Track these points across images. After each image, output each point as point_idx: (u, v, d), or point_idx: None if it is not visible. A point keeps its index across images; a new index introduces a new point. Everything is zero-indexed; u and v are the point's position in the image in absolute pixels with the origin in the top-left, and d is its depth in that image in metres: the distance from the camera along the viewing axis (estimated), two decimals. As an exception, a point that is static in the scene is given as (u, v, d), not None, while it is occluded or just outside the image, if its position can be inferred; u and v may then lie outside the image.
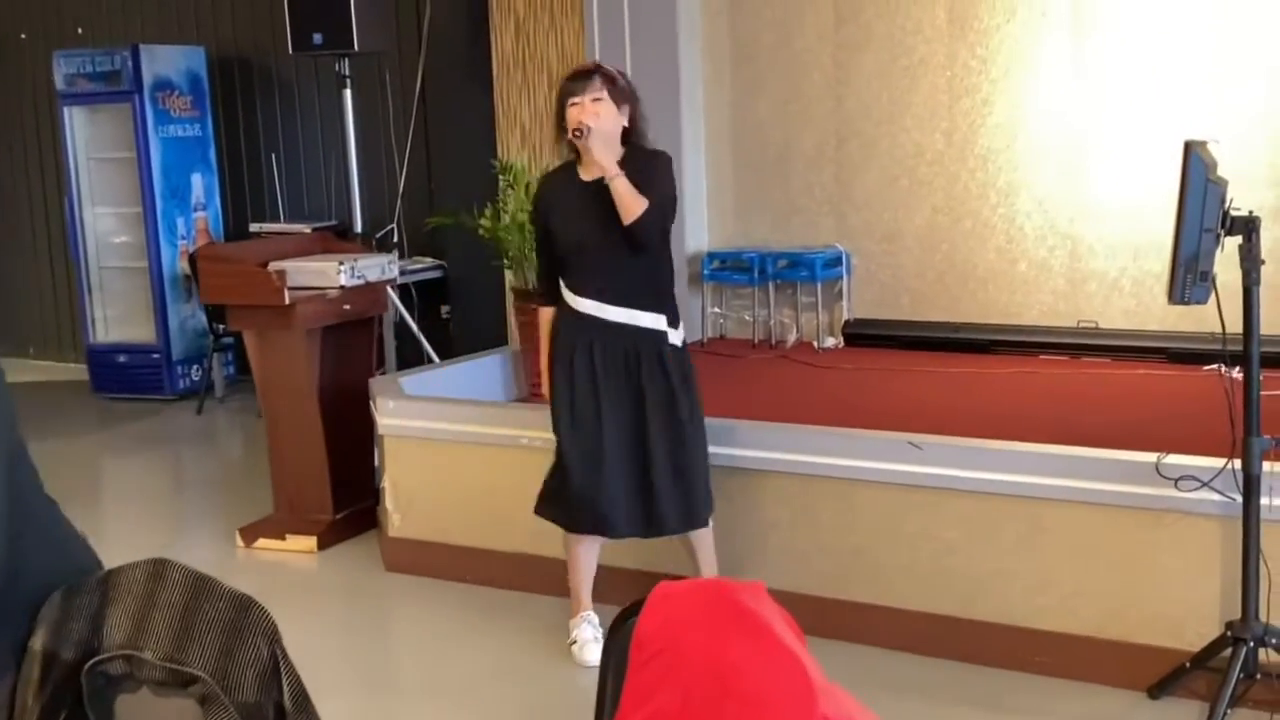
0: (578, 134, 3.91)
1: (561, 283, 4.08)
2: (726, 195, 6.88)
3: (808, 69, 6.65)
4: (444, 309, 7.66)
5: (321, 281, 5.31)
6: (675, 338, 4.08)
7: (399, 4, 7.54)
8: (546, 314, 4.22)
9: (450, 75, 7.49)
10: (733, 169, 6.85)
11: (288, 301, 5.15)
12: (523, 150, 6.52)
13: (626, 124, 4.01)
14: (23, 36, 9.17)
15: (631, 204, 3.87)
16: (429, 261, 7.66)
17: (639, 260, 3.97)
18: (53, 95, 8.44)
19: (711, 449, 4.15)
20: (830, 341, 6.61)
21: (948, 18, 6.31)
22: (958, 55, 6.30)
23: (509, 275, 5.84)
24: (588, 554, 4.22)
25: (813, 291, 6.63)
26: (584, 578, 4.23)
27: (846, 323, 6.62)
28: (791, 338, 6.71)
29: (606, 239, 3.94)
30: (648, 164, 3.99)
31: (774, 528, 4.32)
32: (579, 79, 4.00)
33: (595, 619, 4.16)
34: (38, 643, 2.09)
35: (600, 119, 3.91)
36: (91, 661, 2.02)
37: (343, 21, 6.90)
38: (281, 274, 5.18)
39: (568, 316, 4.07)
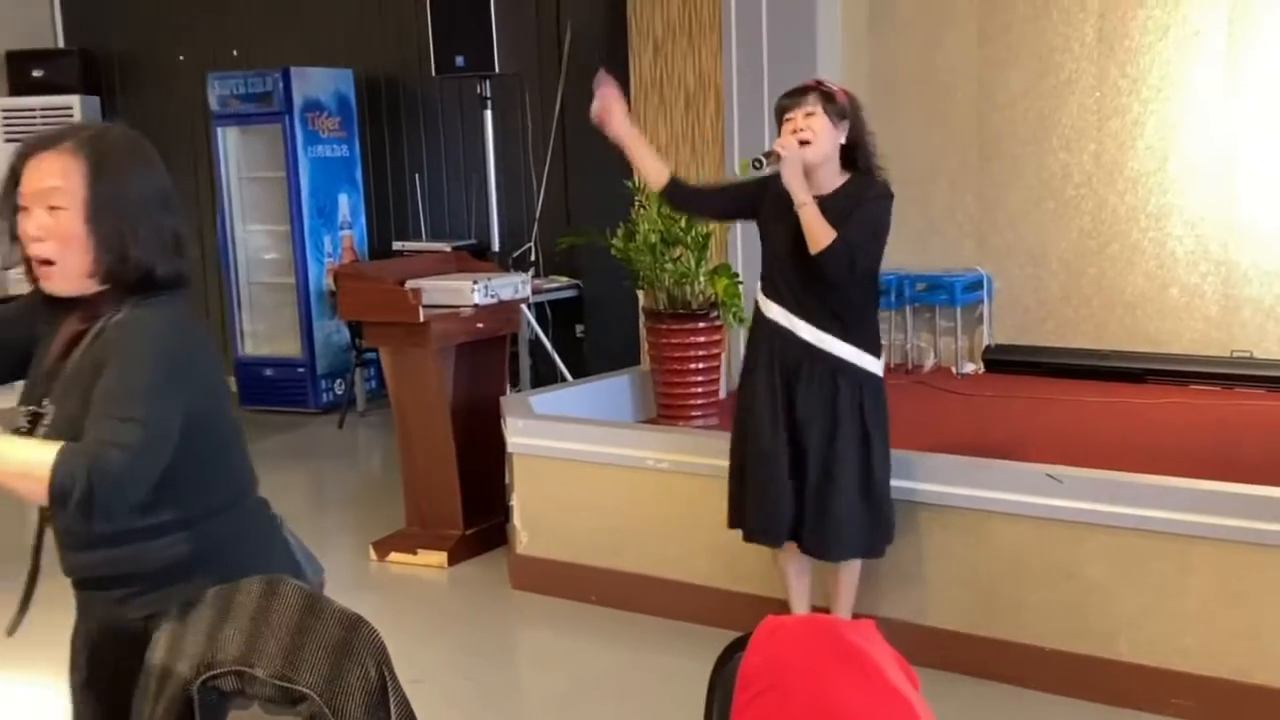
0: (761, 160, 3.78)
1: (759, 285, 4.00)
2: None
3: (950, 88, 6.53)
4: (578, 328, 7.68)
5: (456, 300, 5.36)
6: (863, 362, 3.88)
7: (539, 26, 7.60)
8: (664, 173, 4.10)
9: (589, 96, 7.46)
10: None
11: (422, 319, 5.21)
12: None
13: (844, 141, 3.86)
14: (181, 58, 9.47)
15: (819, 235, 3.71)
16: (564, 281, 7.69)
17: (823, 282, 3.81)
18: (207, 115, 8.70)
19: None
20: (970, 367, 6.46)
21: (1097, 36, 6.14)
22: (1107, 74, 6.13)
23: (640, 295, 5.82)
24: (790, 567, 4.11)
25: (952, 315, 6.50)
26: (790, 596, 4.12)
27: (987, 348, 6.47)
28: (929, 363, 6.58)
29: (794, 252, 3.81)
30: (860, 198, 3.81)
31: (904, 559, 4.21)
32: (794, 94, 3.86)
33: None
34: (155, 655, 2.12)
35: (816, 136, 3.78)
36: (204, 676, 2.04)
37: (485, 44, 6.98)
38: (417, 292, 5.24)
39: (757, 318, 4.00)
